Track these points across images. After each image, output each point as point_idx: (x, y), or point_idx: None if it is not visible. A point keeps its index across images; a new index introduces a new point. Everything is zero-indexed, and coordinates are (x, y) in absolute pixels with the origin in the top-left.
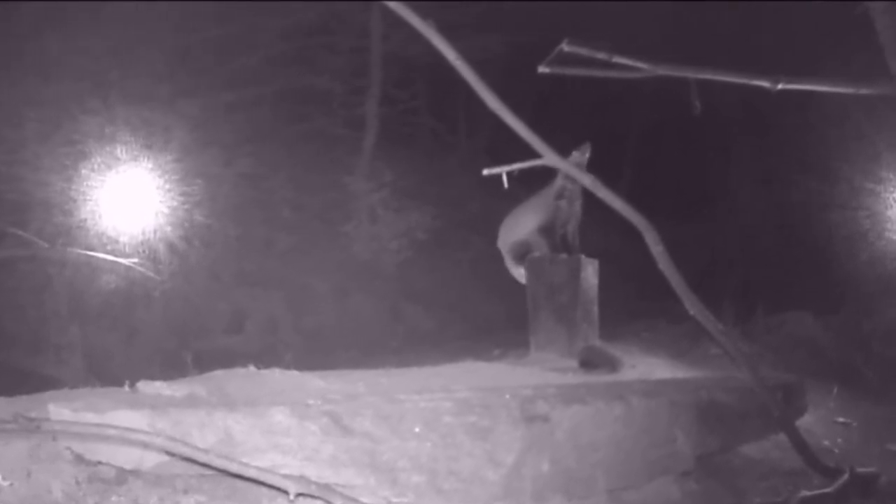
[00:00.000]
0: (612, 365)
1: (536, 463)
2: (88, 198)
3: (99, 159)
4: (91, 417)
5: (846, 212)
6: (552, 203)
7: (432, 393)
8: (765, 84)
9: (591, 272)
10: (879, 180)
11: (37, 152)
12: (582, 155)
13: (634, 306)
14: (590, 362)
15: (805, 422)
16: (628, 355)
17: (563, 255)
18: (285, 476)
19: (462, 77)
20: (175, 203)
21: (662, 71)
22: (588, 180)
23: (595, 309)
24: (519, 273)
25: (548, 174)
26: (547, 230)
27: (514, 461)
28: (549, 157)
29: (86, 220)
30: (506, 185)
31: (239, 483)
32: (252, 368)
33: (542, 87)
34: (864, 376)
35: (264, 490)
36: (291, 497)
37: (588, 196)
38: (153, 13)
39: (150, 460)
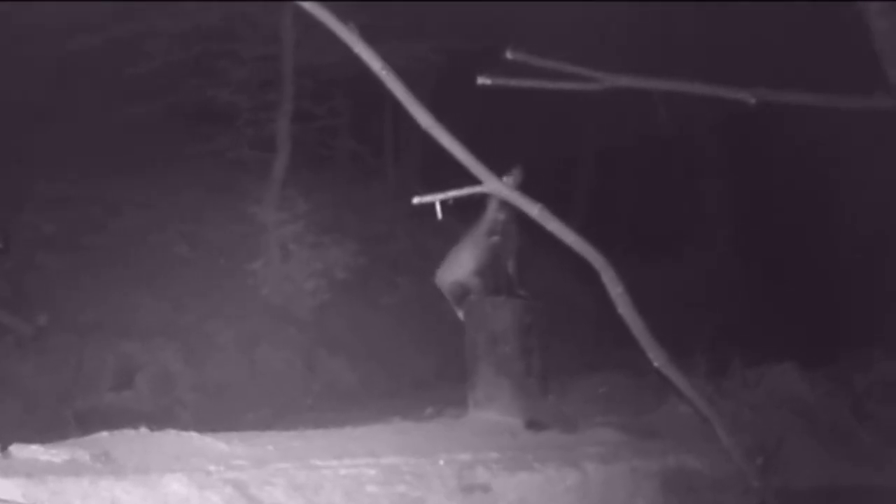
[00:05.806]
0: (563, 425)
1: None
2: None
3: None
4: None
5: (835, 248)
6: (484, 240)
7: (354, 458)
8: (742, 97)
9: (538, 318)
10: (877, 206)
11: None
12: (513, 180)
13: (590, 357)
14: (538, 422)
15: (788, 491)
16: (582, 414)
17: (503, 298)
18: None
19: (389, 90)
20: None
21: (623, 82)
22: (536, 210)
23: (543, 360)
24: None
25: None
26: (483, 271)
27: None
28: (489, 184)
29: None
30: (440, 215)
31: None
32: (144, 430)
33: (481, 102)
34: (857, 440)
35: None
36: None
37: (534, 229)
38: (29, 14)
39: None
